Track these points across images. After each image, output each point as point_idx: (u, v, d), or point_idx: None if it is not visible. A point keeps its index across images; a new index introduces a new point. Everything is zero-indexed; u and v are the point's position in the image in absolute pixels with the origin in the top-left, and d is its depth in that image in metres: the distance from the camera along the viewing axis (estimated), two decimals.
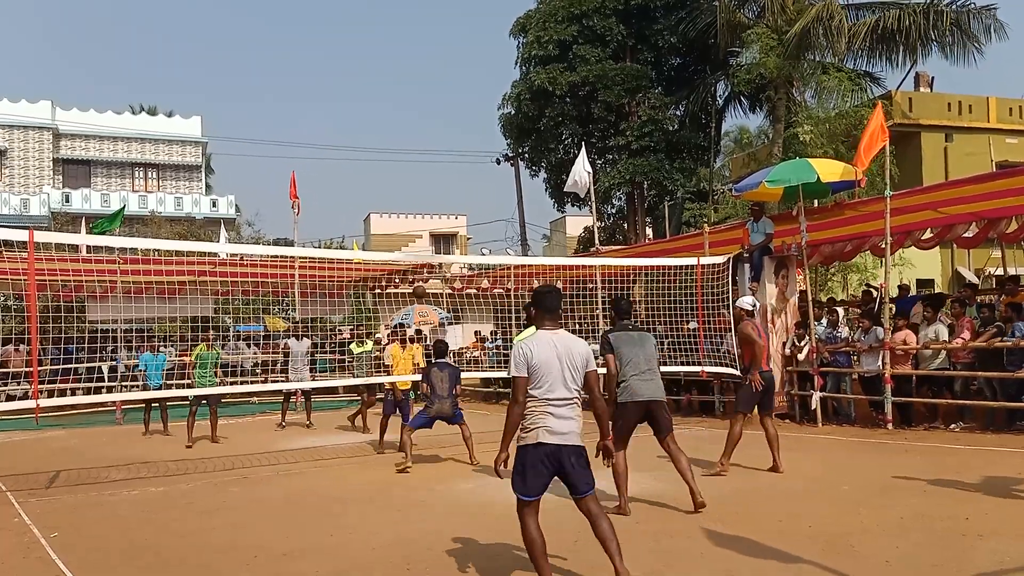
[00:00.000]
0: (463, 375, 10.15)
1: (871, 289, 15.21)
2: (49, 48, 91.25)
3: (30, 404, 8.69)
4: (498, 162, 35.29)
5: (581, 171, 15.54)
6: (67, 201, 35.11)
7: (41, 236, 9.30)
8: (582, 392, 4.63)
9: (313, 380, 14.64)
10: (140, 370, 14.09)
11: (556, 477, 4.57)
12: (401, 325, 15.08)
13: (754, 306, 8.49)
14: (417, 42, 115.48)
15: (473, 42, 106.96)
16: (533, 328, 8.52)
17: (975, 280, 20.40)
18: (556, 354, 4.54)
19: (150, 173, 39.29)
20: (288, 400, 14.87)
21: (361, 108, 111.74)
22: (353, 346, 14.52)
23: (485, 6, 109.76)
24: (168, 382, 13.86)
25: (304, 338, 14.58)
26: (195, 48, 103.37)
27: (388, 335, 14.59)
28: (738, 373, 12.05)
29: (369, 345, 14.59)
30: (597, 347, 6.52)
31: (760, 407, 8.16)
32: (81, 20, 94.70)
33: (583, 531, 6.00)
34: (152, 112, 44.26)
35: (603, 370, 6.14)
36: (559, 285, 17.90)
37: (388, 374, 11.29)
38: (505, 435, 4.62)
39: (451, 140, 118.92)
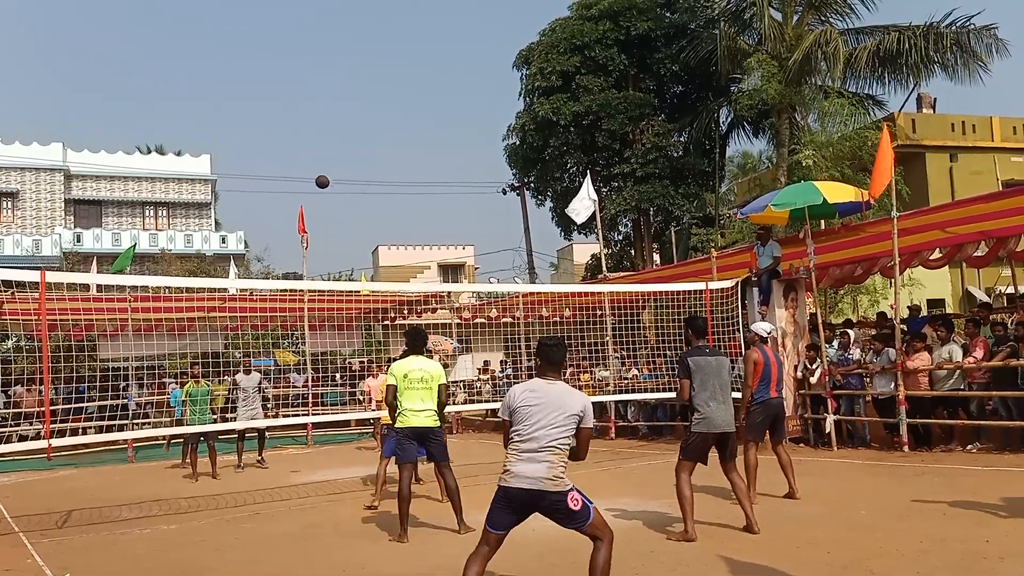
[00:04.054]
0: (481, 407, 9.79)
1: (885, 312, 15.15)
2: (60, 92, 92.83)
3: (42, 444, 8.70)
4: (504, 192, 35.54)
5: (585, 199, 15.63)
6: (79, 241, 35.47)
7: (52, 276, 9.37)
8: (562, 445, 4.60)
9: (267, 417, 13.82)
10: (172, 406, 14.12)
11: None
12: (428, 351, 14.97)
13: (769, 332, 8.33)
14: (422, 74, 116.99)
15: (478, 74, 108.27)
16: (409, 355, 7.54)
17: (986, 299, 20.32)
18: (542, 402, 4.62)
19: (160, 211, 39.71)
20: (243, 440, 13.68)
21: (367, 141, 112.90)
22: None
23: (488, 39, 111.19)
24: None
25: (254, 372, 13.55)
26: (203, 84, 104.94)
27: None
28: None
29: None
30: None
31: (771, 434, 8.07)
32: (91, 63, 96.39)
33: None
34: (161, 151, 44.80)
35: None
36: (568, 312, 17.95)
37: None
38: None
39: (457, 171, 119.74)
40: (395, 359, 8.20)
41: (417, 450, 7.44)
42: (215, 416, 12.24)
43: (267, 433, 17.06)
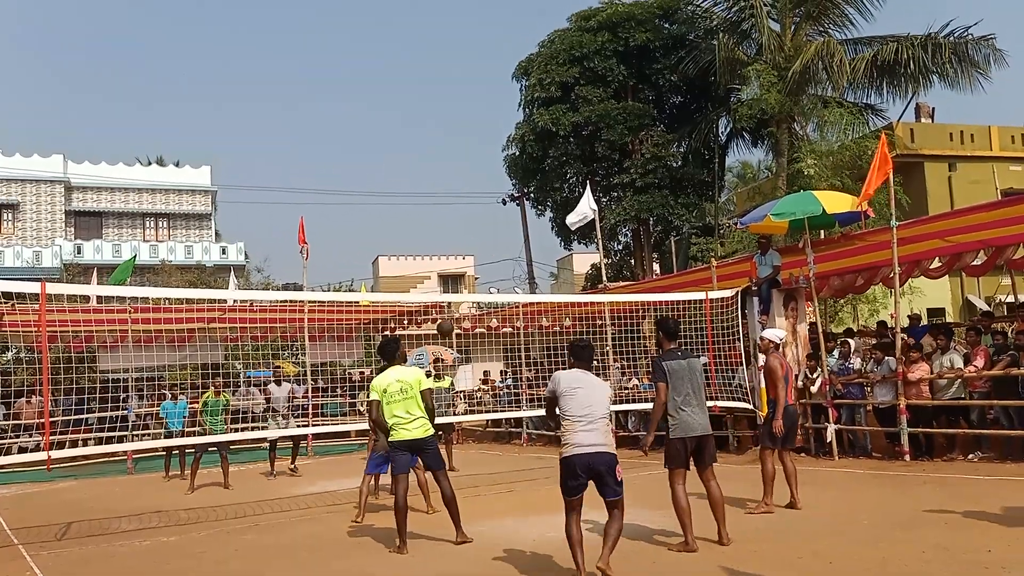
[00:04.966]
0: (484, 417, 9.83)
1: (886, 321, 15.14)
2: (60, 92, 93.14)
3: (41, 456, 8.68)
4: (504, 202, 35.59)
5: (585, 208, 15.66)
6: (79, 252, 35.52)
7: (52, 288, 9.38)
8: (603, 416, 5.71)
9: (296, 426, 14.16)
10: (162, 418, 14.14)
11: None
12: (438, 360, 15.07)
13: (781, 339, 8.33)
14: (422, 82, 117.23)
15: (477, 85, 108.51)
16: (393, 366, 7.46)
17: (986, 308, 20.33)
18: (588, 385, 5.74)
19: (160, 223, 39.78)
20: (275, 448, 13.91)
21: (367, 151, 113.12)
22: (431, 381, 14.13)
23: (488, 50, 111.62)
24: (188, 429, 13.81)
25: (284, 382, 14.54)
26: (203, 84, 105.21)
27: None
28: (751, 407, 11.98)
29: (447, 381, 14.39)
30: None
31: (781, 442, 8.02)
32: (90, 63, 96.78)
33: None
34: (161, 163, 44.88)
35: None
36: (568, 323, 17.95)
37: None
38: None
39: (457, 182, 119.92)
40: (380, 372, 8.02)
41: (410, 460, 7.37)
42: (226, 427, 12.29)
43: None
